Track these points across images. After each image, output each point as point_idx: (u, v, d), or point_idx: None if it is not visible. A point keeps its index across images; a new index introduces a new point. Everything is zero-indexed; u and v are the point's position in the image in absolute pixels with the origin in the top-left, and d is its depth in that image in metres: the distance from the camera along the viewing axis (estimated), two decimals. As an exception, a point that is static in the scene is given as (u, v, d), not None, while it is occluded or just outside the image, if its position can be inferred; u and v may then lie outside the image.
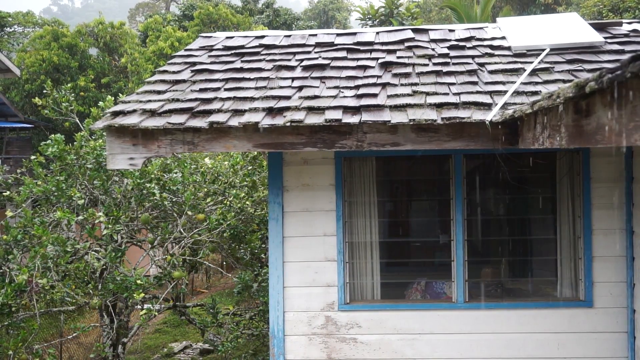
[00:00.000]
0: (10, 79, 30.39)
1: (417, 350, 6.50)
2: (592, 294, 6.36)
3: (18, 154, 27.04)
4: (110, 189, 11.72)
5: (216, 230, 11.41)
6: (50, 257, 10.41)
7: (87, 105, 27.38)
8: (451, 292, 6.60)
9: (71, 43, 31.50)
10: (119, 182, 11.90)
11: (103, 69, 31.94)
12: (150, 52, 31.16)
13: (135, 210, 11.88)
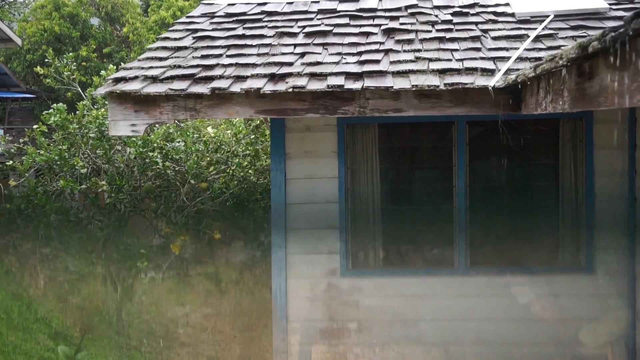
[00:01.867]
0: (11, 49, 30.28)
1: (419, 313, 6.55)
2: (593, 260, 6.40)
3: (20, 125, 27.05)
4: (113, 158, 11.75)
5: (219, 199, 11.45)
6: (54, 226, 10.46)
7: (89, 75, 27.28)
8: (453, 258, 6.63)
9: (72, 13, 31.34)
10: (121, 152, 11.92)
11: (105, 39, 31.80)
12: (152, 21, 31.00)
13: (138, 179, 11.91)
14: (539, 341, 6.51)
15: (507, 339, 6.54)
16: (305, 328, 6.68)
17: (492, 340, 6.56)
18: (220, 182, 11.68)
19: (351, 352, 6.64)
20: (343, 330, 6.64)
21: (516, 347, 6.53)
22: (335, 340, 6.66)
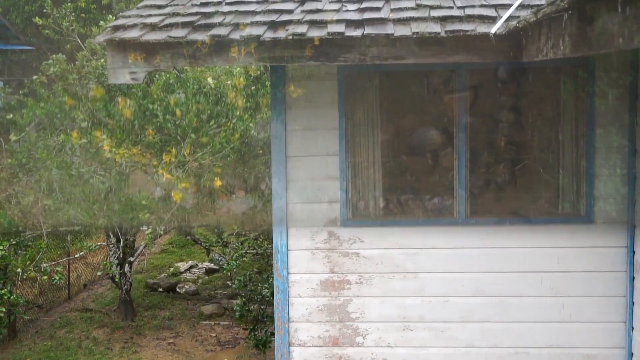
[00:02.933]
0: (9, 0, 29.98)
1: (419, 264, 6.60)
2: (593, 210, 6.41)
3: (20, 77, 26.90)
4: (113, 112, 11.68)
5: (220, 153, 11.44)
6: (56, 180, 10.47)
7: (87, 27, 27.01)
8: (453, 208, 6.66)
9: (70, -36, 30.94)
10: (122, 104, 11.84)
11: (104, -9, 31.44)
12: (151, -26, 30.61)
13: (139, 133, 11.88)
14: (538, 292, 6.56)
15: (506, 289, 6.59)
16: (306, 280, 6.73)
17: (492, 291, 6.61)
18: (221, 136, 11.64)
19: (351, 303, 6.70)
20: (343, 282, 6.70)
21: (516, 298, 6.58)
22: (335, 292, 6.71)
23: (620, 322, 6.49)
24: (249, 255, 11.90)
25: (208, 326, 13.61)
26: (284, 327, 6.79)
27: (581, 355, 6.56)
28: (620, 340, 6.50)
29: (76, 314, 14.06)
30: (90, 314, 14.03)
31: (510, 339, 6.61)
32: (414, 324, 6.69)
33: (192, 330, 13.44)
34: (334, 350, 6.78)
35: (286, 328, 6.78)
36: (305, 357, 6.80)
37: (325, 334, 6.77)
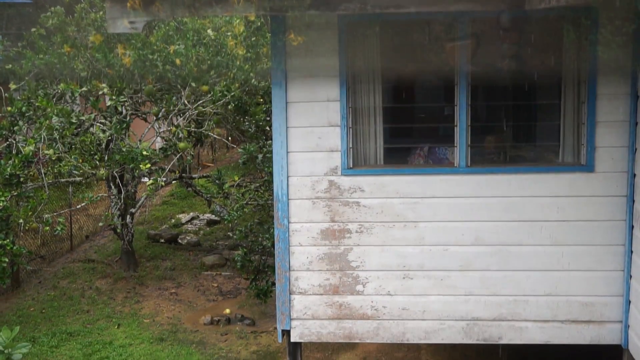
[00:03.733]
0: (7, -48, 29.57)
1: (419, 213, 6.62)
2: (594, 159, 6.41)
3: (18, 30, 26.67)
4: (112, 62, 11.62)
5: (220, 102, 11.40)
6: (56, 128, 10.45)
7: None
8: (453, 157, 6.65)
9: None
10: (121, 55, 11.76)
11: (102, -59, 31.03)
12: None
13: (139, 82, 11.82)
14: (537, 241, 6.59)
15: (506, 238, 6.62)
16: (307, 229, 6.76)
17: (491, 240, 6.64)
18: (221, 85, 11.59)
19: (352, 252, 6.74)
20: (344, 230, 6.72)
21: (515, 247, 6.62)
22: (336, 241, 6.75)
23: (618, 271, 6.54)
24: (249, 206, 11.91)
25: (210, 276, 13.72)
26: (285, 275, 6.84)
27: (579, 303, 6.62)
28: (618, 288, 6.56)
29: (79, 264, 14.16)
30: (92, 264, 14.14)
31: (509, 287, 6.67)
32: (413, 272, 6.74)
33: (194, 280, 13.55)
34: (335, 298, 6.84)
35: (287, 276, 6.84)
36: (306, 305, 6.87)
37: (326, 282, 6.82)
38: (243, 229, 10.94)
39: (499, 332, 6.74)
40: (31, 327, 11.43)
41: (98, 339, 11.02)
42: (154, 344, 10.87)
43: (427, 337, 6.82)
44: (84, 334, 11.21)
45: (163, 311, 12.18)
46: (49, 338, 11.01)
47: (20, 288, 12.97)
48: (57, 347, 10.74)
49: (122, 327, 11.52)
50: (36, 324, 11.59)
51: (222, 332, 11.36)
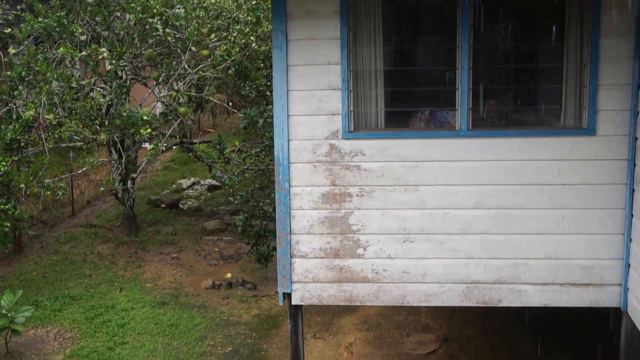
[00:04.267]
0: None
1: (420, 177, 6.61)
2: (595, 122, 6.38)
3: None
4: (112, 25, 11.55)
5: (221, 66, 11.35)
6: (56, 93, 10.41)
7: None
8: (455, 121, 6.63)
9: None
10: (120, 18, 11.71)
11: None
12: None
13: (138, 46, 11.76)
14: (538, 204, 6.59)
15: (506, 202, 6.62)
16: (308, 192, 6.76)
17: (492, 204, 6.64)
18: (222, 49, 11.53)
19: (352, 215, 6.74)
20: (344, 194, 6.73)
21: (515, 211, 6.62)
22: (337, 204, 6.75)
23: (618, 234, 6.55)
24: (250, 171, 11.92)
25: (211, 241, 13.78)
26: (286, 239, 6.86)
27: (579, 266, 6.64)
28: (618, 252, 6.57)
29: (80, 229, 14.21)
30: (94, 229, 14.19)
31: (509, 251, 6.69)
32: (414, 235, 6.75)
33: (195, 245, 13.61)
34: (335, 262, 6.87)
35: (288, 240, 6.86)
36: (307, 269, 6.90)
37: (327, 245, 6.84)
38: (244, 193, 10.94)
39: (498, 295, 6.77)
40: (34, 291, 11.51)
41: (100, 303, 11.10)
42: (156, 308, 10.95)
43: (427, 299, 6.86)
44: (87, 298, 11.29)
45: (165, 275, 12.25)
46: (52, 302, 11.09)
47: (23, 253, 13.03)
48: (59, 311, 10.83)
49: (124, 291, 11.60)
50: (39, 288, 11.66)
51: (223, 296, 11.44)
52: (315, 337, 9.95)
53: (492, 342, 9.54)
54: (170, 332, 10.12)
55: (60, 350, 9.67)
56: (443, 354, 9.37)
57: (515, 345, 9.43)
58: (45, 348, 9.77)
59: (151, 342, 9.83)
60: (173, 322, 10.46)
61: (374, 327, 10.16)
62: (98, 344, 9.81)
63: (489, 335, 9.71)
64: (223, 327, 10.35)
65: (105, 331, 10.16)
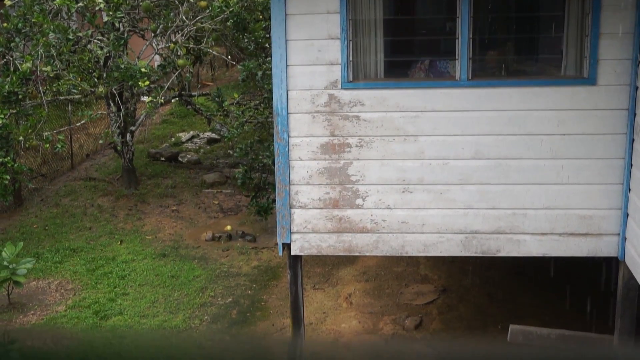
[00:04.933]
0: None
1: (419, 127, 6.60)
2: (596, 72, 6.35)
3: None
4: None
5: (219, 17, 11.24)
6: (53, 44, 10.33)
7: None
8: (455, 70, 6.59)
9: None
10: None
11: None
12: None
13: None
14: (537, 154, 6.59)
15: (506, 152, 6.62)
16: (307, 143, 6.75)
17: (491, 154, 6.64)
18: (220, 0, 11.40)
19: (351, 166, 6.75)
20: (343, 145, 6.72)
21: (515, 161, 6.62)
22: (336, 155, 6.75)
23: (617, 184, 6.56)
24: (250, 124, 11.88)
25: (210, 194, 13.80)
26: (285, 189, 6.87)
27: (577, 216, 6.66)
28: (617, 202, 6.59)
29: (80, 182, 14.22)
30: (94, 182, 14.20)
31: (508, 201, 6.71)
32: (413, 186, 6.77)
33: (195, 198, 13.64)
34: (334, 212, 6.89)
35: (287, 191, 6.87)
36: (306, 219, 6.92)
37: (326, 196, 6.86)
38: (243, 146, 10.94)
39: (497, 245, 6.81)
40: (35, 244, 11.57)
41: (101, 255, 11.17)
42: (157, 260, 11.02)
43: (426, 249, 6.90)
44: (87, 250, 11.35)
45: (164, 228, 12.30)
46: (53, 254, 11.15)
47: (23, 206, 13.07)
48: (60, 263, 10.90)
49: (125, 243, 11.66)
50: (39, 240, 11.72)
51: (223, 248, 11.50)
52: (314, 288, 10.03)
53: (490, 293, 9.62)
54: (170, 284, 10.20)
55: (62, 302, 9.76)
56: (441, 304, 9.46)
57: (513, 296, 9.51)
58: (47, 299, 9.86)
59: (152, 293, 9.92)
60: (173, 273, 10.54)
61: (373, 278, 10.23)
62: (99, 295, 9.89)
63: (487, 286, 9.79)
64: (223, 278, 10.42)
65: (107, 283, 10.24)
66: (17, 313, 9.49)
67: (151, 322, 9.14)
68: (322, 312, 9.41)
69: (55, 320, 9.22)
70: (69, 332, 9.01)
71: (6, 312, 9.52)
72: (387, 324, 8.97)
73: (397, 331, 8.79)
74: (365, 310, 9.35)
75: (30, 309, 9.59)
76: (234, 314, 9.43)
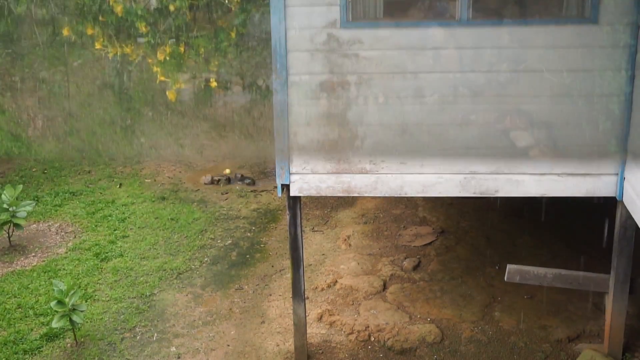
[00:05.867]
0: None
1: (418, 65, 6.54)
2: (598, 10, 6.26)
3: None
4: None
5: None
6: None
7: None
8: (455, 10, 6.50)
9: None
10: None
11: None
12: None
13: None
14: (538, 92, 6.54)
15: (505, 90, 6.57)
16: (305, 81, 6.69)
17: (491, 92, 6.59)
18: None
19: (350, 105, 6.70)
20: (342, 83, 6.66)
21: (513, 99, 6.58)
22: (335, 94, 6.70)
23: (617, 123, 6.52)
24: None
25: (209, 138, 13.78)
26: (284, 130, 6.82)
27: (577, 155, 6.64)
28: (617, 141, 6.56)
29: (78, 126, 14.19)
30: (92, 126, 14.16)
31: (507, 140, 6.68)
32: (412, 126, 6.73)
33: (194, 141, 13.63)
34: (333, 153, 6.87)
35: (286, 131, 6.83)
36: (305, 160, 6.90)
37: (325, 137, 6.83)
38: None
39: (495, 185, 6.80)
40: (34, 187, 11.60)
41: (100, 198, 11.21)
42: (156, 203, 11.06)
43: (425, 190, 6.89)
44: (87, 194, 11.39)
45: (163, 171, 12.32)
46: (52, 197, 11.19)
47: (22, 150, 13.06)
48: (60, 206, 10.94)
49: (124, 186, 11.69)
50: (39, 184, 11.75)
51: (222, 191, 11.53)
52: (313, 231, 10.09)
53: (488, 235, 9.69)
54: (170, 226, 10.25)
55: (62, 244, 9.81)
56: (439, 245, 9.53)
57: (510, 237, 9.58)
58: (47, 241, 9.91)
59: (152, 236, 9.97)
60: (173, 216, 10.58)
61: (372, 220, 10.29)
62: (99, 237, 9.95)
63: (484, 228, 9.85)
64: (222, 221, 10.48)
65: (106, 225, 10.29)
66: (18, 255, 9.55)
67: (151, 264, 9.21)
68: (321, 254, 9.49)
69: (56, 262, 9.29)
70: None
71: (7, 254, 9.58)
72: (386, 265, 9.05)
73: (395, 272, 8.87)
74: (364, 252, 9.42)
75: (31, 251, 9.65)
76: (233, 255, 9.50)
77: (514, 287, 8.22)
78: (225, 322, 7.99)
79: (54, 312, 7.58)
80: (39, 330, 7.84)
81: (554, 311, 7.97)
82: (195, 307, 8.29)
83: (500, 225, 9.89)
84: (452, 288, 8.50)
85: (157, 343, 7.61)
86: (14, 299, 8.44)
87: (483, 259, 9.09)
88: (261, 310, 8.24)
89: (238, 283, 8.82)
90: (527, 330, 7.67)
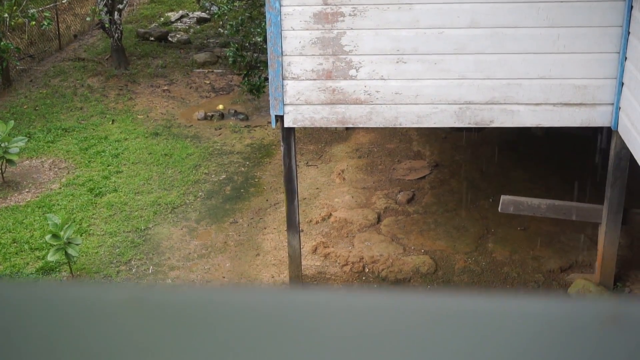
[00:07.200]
0: None
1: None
2: None
3: None
4: None
5: None
6: None
7: None
8: None
9: None
10: None
11: None
12: None
13: None
14: (534, 22, 6.46)
15: (501, 21, 6.48)
16: (299, 12, 6.59)
17: (487, 23, 6.50)
18: None
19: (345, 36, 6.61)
20: (337, 14, 6.56)
21: (511, 30, 6.50)
22: (329, 24, 6.60)
23: (614, 53, 6.47)
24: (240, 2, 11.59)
25: (202, 74, 13.65)
26: (277, 60, 6.76)
27: (572, 85, 6.60)
28: (612, 71, 6.51)
29: (69, 63, 14.01)
30: (83, 62, 13.99)
31: (503, 71, 6.63)
32: (407, 56, 6.66)
33: (186, 78, 13.49)
34: (327, 83, 6.81)
35: (279, 62, 6.76)
36: (299, 91, 6.85)
37: (319, 67, 6.76)
38: (234, 23, 10.71)
39: (490, 115, 6.77)
40: (26, 124, 11.51)
41: (93, 134, 11.14)
42: (149, 139, 11.01)
43: (420, 121, 6.87)
44: (79, 130, 11.31)
45: (156, 107, 12.23)
46: (45, 134, 11.12)
47: (12, 86, 12.90)
48: (53, 142, 10.88)
49: (116, 122, 11.62)
50: (30, 120, 11.65)
51: (215, 126, 11.47)
52: (308, 165, 10.08)
53: (482, 168, 9.69)
54: (164, 161, 10.23)
55: (56, 180, 9.79)
56: (434, 179, 9.54)
57: (504, 170, 9.58)
58: (41, 177, 9.89)
59: (146, 171, 9.95)
60: (166, 151, 10.54)
61: (366, 154, 10.27)
62: (93, 173, 9.92)
63: (479, 162, 9.85)
64: (216, 156, 10.45)
65: (100, 161, 10.25)
66: (11, 191, 9.54)
67: (146, 199, 9.22)
68: (316, 187, 9.49)
69: (50, 197, 9.28)
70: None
71: (1, 190, 9.56)
72: (380, 198, 9.07)
73: (389, 205, 8.90)
74: (358, 186, 9.43)
75: (24, 187, 9.63)
76: (227, 190, 9.50)
77: (507, 219, 8.26)
78: (220, 255, 8.04)
79: (49, 247, 7.60)
80: (35, 264, 7.88)
81: (547, 242, 8.03)
82: (190, 241, 8.32)
83: (494, 159, 9.88)
84: (446, 220, 8.54)
85: (153, 276, 7.67)
86: (9, 234, 8.45)
87: (477, 192, 9.11)
88: (256, 243, 8.29)
89: (232, 217, 8.84)
90: (520, 261, 7.74)
